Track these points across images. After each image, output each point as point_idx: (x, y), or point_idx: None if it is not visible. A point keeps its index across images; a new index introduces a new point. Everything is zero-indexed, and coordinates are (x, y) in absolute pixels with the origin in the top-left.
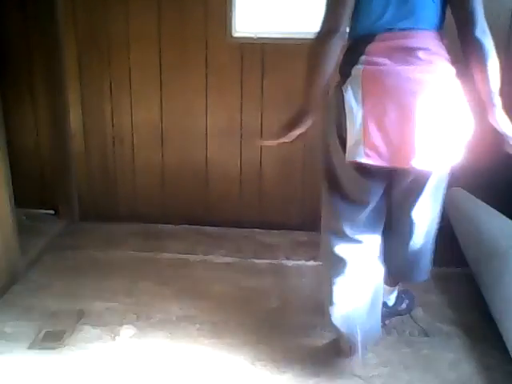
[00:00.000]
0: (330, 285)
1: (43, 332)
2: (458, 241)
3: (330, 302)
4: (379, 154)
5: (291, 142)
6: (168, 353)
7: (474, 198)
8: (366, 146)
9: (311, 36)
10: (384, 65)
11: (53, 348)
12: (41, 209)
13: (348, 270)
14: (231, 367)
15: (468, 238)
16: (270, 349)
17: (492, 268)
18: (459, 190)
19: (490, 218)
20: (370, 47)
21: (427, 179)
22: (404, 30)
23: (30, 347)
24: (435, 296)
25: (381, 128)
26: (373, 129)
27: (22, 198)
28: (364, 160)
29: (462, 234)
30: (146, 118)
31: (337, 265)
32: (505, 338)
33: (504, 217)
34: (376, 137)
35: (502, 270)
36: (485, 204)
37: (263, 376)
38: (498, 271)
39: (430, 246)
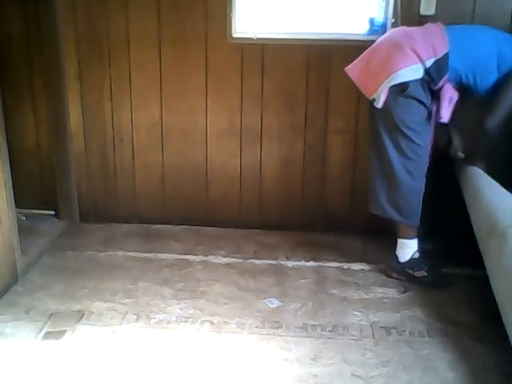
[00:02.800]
0: None
1: (43, 332)
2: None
3: None
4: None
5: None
6: (168, 353)
7: (487, 176)
8: None
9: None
10: None
11: (53, 348)
12: (41, 209)
13: None
14: (231, 367)
15: (475, 215)
16: (270, 349)
17: (492, 247)
18: (473, 169)
19: (494, 196)
20: None
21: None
22: None
23: (30, 347)
24: (435, 296)
25: None
26: None
27: (22, 197)
28: None
29: (473, 212)
30: (146, 118)
31: None
32: (505, 322)
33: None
34: None
35: (502, 251)
36: (496, 184)
37: (263, 376)
38: (497, 251)
39: (377, 184)
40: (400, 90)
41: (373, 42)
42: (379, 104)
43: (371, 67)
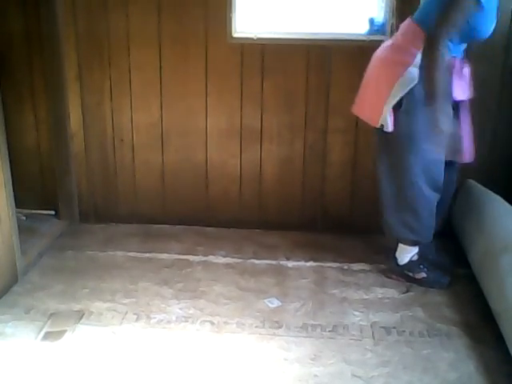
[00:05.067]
0: None
1: (43, 332)
2: (459, 235)
3: None
4: None
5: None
6: (168, 353)
7: (487, 190)
8: None
9: (312, 37)
10: None
11: (53, 348)
12: (41, 209)
13: None
14: (231, 367)
15: (476, 231)
16: (270, 349)
17: (504, 263)
18: (471, 182)
19: (503, 212)
20: None
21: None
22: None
23: (30, 347)
24: (435, 296)
25: None
26: None
27: (22, 198)
28: None
29: (468, 228)
30: (146, 118)
31: None
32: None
33: None
34: None
35: None
36: (498, 197)
37: (263, 376)
38: (510, 266)
39: (383, 200)
40: (400, 105)
41: (373, 41)
42: (389, 128)
43: (368, 96)
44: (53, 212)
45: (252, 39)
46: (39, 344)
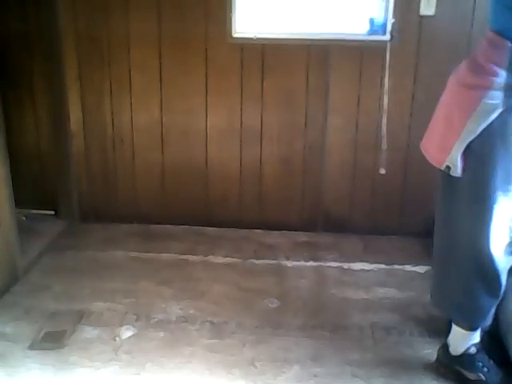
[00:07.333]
0: None
1: (43, 332)
2: None
3: None
4: None
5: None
6: (168, 353)
7: None
8: None
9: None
10: None
11: (53, 348)
12: (41, 209)
13: None
14: (231, 367)
15: None
16: (270, 349)
17: None
18: None
19: None
20: None
21: None
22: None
23: (30, 347)
24: None
25: None
26: None
27: (21, 198)
28: None
29: None
30: (146, 118)
31: None
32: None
33: None
34: None
35: None
36: None
37: (263, 376)
38: None
39: (433, 258)
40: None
41: (373, 42)
42: (458, 171)
43: (437, 130)
44: (53, 212)
45: (252, 39)
46: (39, 344)
